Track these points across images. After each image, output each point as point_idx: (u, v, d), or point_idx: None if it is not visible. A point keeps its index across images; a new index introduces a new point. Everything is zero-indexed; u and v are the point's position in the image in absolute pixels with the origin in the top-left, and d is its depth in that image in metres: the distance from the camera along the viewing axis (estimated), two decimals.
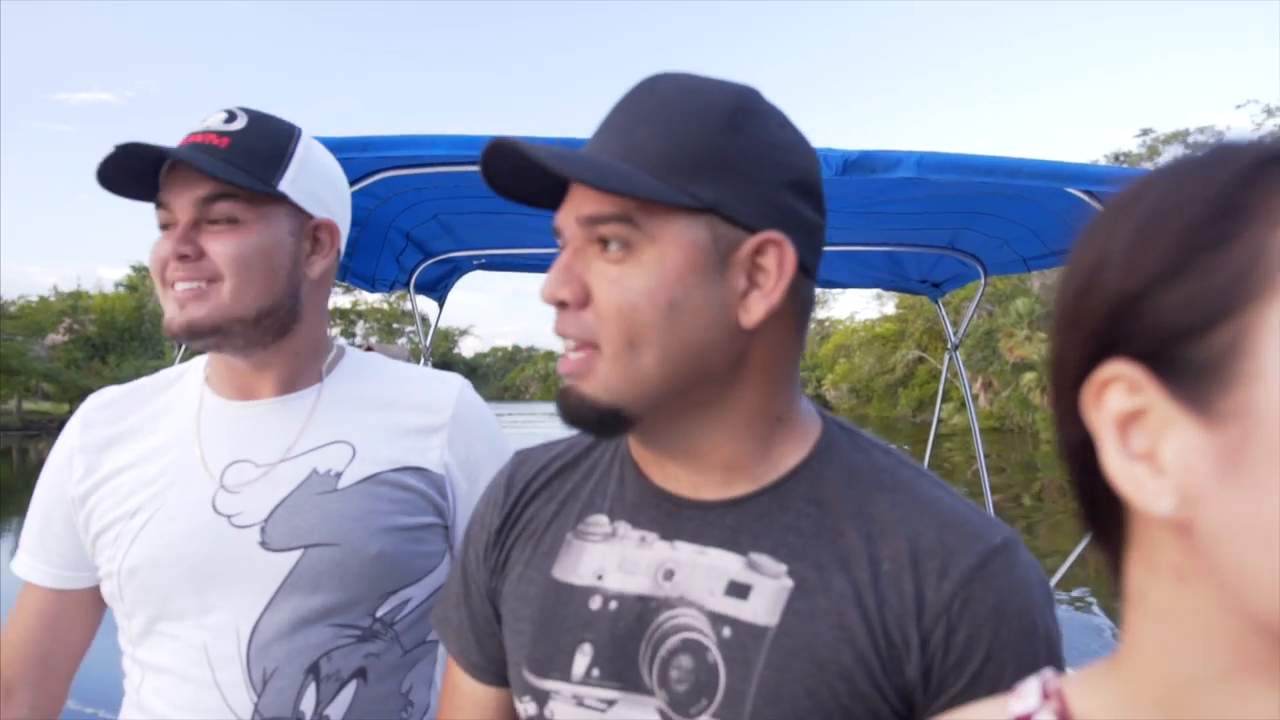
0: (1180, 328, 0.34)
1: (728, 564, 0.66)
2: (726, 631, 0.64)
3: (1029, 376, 20.32)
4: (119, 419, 1.03)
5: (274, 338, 0.99)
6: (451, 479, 1.04)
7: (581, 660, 0.68)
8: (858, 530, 0.65)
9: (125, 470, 0.99)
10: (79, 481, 1.00)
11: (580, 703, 0.68)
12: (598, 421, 0.65)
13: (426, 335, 3.85)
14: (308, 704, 0.93)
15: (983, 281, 3.21)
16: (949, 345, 3.54)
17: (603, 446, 0.79)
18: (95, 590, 1.04)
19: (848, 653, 0.62)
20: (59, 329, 41.24)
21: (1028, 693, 0.44)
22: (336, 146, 2.03)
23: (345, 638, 0.96)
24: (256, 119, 0.97)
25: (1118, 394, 0.36)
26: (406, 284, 3.44)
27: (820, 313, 76.10)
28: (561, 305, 0.65)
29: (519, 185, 0.69)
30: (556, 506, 0.77)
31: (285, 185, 0.96)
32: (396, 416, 1.04)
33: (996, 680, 0.60)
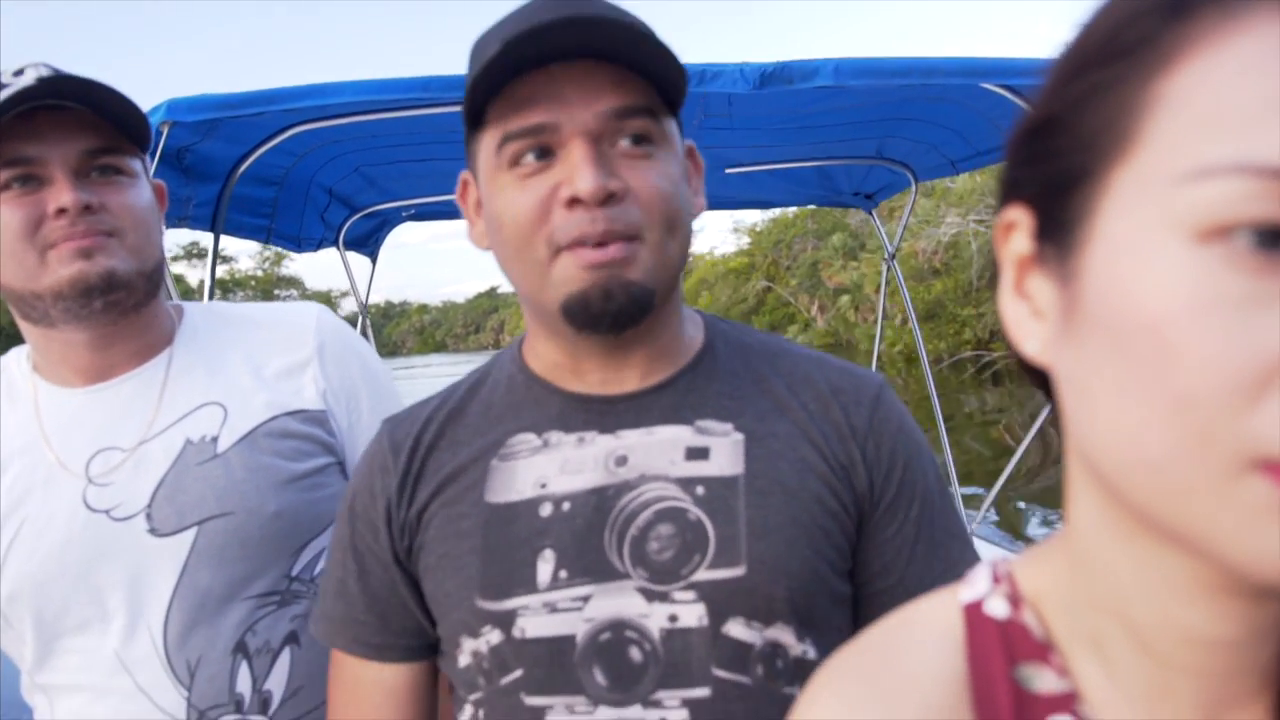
0: (1058, 178, 0.33)
1: (679, 435, 0.71)
2: (700, 490, 0.69)
3: (844, 299, 22.96)
4: None
5: (147, 300, 0.92)
6: (332, 411, 0.97)
7: (545, 568, 0.69)
8: (778, 383, 0.75)
9: None
10: None
11: (554, 609, 0.68)
12: (643, 306, 0.67)
13: (364, 290, 3.78)
14: (244, 684, 0.88)
15: (913, 189, 3.24)
16: (886, 255, 3.58)
17: (489, 386, 0.79)
18: None
19: (811, 479, 0.71)
20: None
21: (978, 579, 0.42)
22: (243, 102, 1.91)
23: (266, 606, 0.90)
24: (84, 79, 0.86)
25: (1020, 237, 0.36)
26: (335, 241, 3.36)
27: None
28: (609, 199, 0.63)
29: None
30: (468, 448, 0.75)
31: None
32: (259, 361, 0.96)
33: (913, 486, 0.73)
